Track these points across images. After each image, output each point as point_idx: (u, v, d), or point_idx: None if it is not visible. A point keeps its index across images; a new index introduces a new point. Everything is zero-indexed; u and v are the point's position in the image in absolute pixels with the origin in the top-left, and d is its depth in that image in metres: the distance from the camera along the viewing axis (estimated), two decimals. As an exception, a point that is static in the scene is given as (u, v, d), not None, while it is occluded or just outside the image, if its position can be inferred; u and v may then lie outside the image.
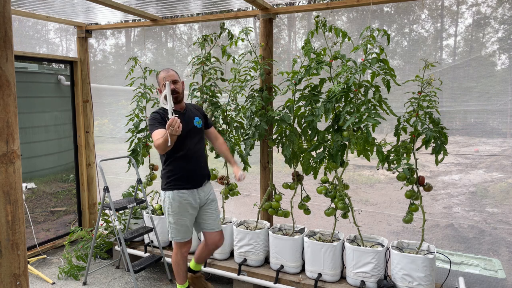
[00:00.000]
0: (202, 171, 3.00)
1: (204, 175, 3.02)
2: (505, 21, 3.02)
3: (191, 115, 2.97)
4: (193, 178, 2.93)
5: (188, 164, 2.90)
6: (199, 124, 2.99)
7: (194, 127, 2.94)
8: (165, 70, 2.90)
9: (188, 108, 3.01)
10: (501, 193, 3.35)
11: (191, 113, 2.98)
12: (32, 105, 6.27)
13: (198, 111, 3.09)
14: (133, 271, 3.34)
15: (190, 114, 2.97)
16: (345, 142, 2.95)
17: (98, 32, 4.72)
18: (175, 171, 2.89)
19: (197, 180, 2.95)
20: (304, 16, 3.88)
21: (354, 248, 3.00)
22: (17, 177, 1.58)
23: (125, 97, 4.72)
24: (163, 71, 2.88)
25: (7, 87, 1.51)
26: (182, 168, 2.89)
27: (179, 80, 2.90)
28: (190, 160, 2.90)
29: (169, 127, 2.39)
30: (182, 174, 2.88)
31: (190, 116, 2.95)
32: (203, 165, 3.02)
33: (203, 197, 2.99)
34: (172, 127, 2.39)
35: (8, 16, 1.52)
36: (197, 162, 2.96)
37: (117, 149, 4.89)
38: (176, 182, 2.89)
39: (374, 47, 2.79)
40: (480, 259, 3.17)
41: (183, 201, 2.89)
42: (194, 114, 2.99)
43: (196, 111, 3.06)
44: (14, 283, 1.58)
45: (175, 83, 2.83)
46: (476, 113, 3.19)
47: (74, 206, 5.45)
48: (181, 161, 2.88)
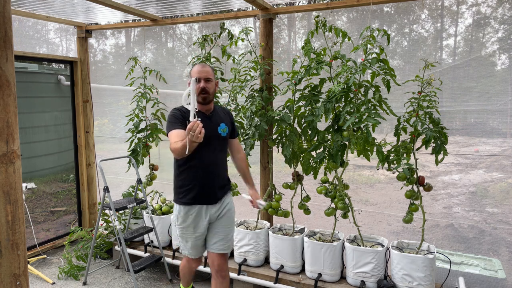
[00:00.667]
0: (219, 186, 2.61)
1: (221, 191, 2.64)
2: (505, 21, 3.02)
3: (217, 120, 2.60)
4: (206, 194, 2.56)
5: (203, 176, 2.53)
6: (225, 132, 2.60)
7: (218, 135, 2.57)
8: (201, 65, 2.55)
9: (216, 112, 2.63)
10: (501, 193, 3.35)
11: (217, 118, 2.61)
12: (32, 105, 6.27)
13: (227, 116, 2.71)
14: (133, 271, 3.34)
15: (217, 119, 2.60)
16: (345, 142, 2.95)
17: (98, 32, 4.72)
18: (187, 181, 2.55)
19: (211, 196, 2.58)
20: (304, 16, 3.88)
21: (354, 248, 3.00)
22: (17, 177, 1.58)
23: (125, 97, 4.72)
24: (198, 66, 2.53)
25: (7, 87, 1.51)
26: (196, 180, 2.53)
27: (212, 79, 2.53)
28: (206, 172, 2.54)
29: (189, 131, 2.03)
30: (194, 187, 2.53)
31: (216, 121, 2.59)
32: (221, 179, 2.63)
33: (213, 213, 2.61)
34: (192, 132, 2.02)
35: (8, 16, 1.52)
36: (215, 175, 2.58)
37: (117, 149, 4.89)
38: (186, 195, 2.55)
39: (374, 47, 2.79)
40: (480, 259, 3.17)
41: (190, 218, 2.57)
42: (220, 120, 2.62)
43: (225, 116, 2.68)
44: (14, 283, 1.58)
45: (207, 82, 2.48)
46: (476, 113, 3.19)
47: (74, 206, 5.45)
48: (196, 171, 2.52)
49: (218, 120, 2.60)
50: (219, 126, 2.59)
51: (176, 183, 2.61)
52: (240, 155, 2.83)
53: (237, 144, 2.82)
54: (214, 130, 2.55)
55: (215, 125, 2.57)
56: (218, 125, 2.59)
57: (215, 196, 2.59)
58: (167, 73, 4.26)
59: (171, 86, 4.32)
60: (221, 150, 2.63)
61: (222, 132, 2.59)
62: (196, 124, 2.02)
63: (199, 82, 2.46)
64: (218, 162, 2.61)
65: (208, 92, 2.49)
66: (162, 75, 3.88)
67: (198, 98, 2.43)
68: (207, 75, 2.49)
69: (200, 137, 2.03)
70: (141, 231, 3.62)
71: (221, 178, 2.64)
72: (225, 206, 2.67)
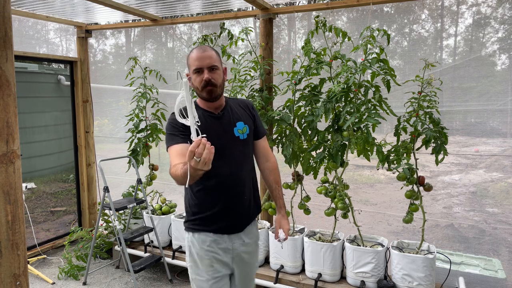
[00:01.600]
0: (245, 208, 1.96)
1: (249, 214, 1.99)
2: (505, 21, 3.02)
3: (233, 118, 1.94)
4: (228, 219, 1.91)
5: (226, 200, 1.89)
6: (244, 132, 1.94)
7: (236, 139, 1.91)
8: (201, 48, 1.84)
9: (229, 107, 1.96)
10: (501, 193, 3.35)
11: (232, 116, 1.94)
12: (32, 105, 6.27)
13: (245, 110, 2.02)
14: (133, 271, 3.34)
15: (231, 118, 1.93)
16: (345, 142, 2.95)
17: (98, 32, 4.72)
18: (203, 209, 1.90)
19: (235, 222, 1.94)
20: (304, 16, 3.88)
21: (354, 248, 3.00)
22: (17, 177, 1.58)
23: (125, 97, 4.72)
24: (197, 50, 1.84)
25: (7, 87, 1.51)
26: (216, 207, 1.88)
27: (218, 66, 1.85)
28: (230, 194, 1.89)
29: (191, 156, 1.34)
30: (213, 216, 1.89)
31: (230, 120, 1.92)
32: (248, 198, 1.96)
33: (238, 246, 1.94)
34: (197, 158, 1.34)
35: (8, 16, 1.52)
36: (239, 194, 1.92)
37: (117, 149, 4.89)
38: (201, 221, 1.91)
39: (374, 47, 2.79)
40: (480, 259, 3.17)
41: (206, 251, 1.90)
42: (237, 117, 1.95)
43: (243, 112, 2.01)
44: (14, 283, 1.57)
45: (212, 71, 1.82)
46: (476, 113, 3.19)
47: (74, 206, 5.45)
48: (215, 195, 1.88)
49: (234, 118, 1.94)
50: (235, 126, 1.92)
51: (188, 208, 1.97)
52: (269, 164, 2.10)
53: (264, 148, 2.09)
54: (229, 133, 1.90)
55: (229, 127, 1.91)
56: (234, 125, 1.92)
57: (244, 221, 1.97)
58: (167, 73, 4.25)
59: (171, 86, 4.32)
60: (244, 157, 1.95)
61: (241, 134, 1.93)
62: (201, 145, 1.33)
63: (201, 72, 1.81)
64: (243, 176, 1.93)
65: (215, 84, 1.83)
66: (162, 75, 3.88)
67: (203, 93, 1.84)
68: (211, 61, 1.81)
69: (208, 163, 1.35)
70: (141, 231, 3.61)
71: (250, 197, 1.98)
72: (251, 235, 2.02)
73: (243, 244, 1.96)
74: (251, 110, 2.06)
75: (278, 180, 2.13)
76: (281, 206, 2.12)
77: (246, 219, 1.98)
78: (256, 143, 2.07)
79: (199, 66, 1.81)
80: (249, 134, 1.98)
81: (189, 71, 1.86)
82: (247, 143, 1.97)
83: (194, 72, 1.83)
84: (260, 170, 2.13)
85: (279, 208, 2.12)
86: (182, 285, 3.65)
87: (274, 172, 2.12)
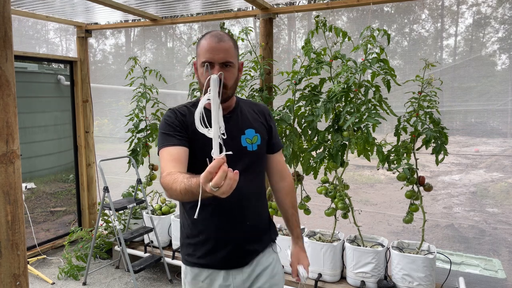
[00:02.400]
0: (247, 236, 1.59)
1: (256, 244, 1.62)
2: (505, 21, 3.02)
3: (241, 123, 1.59)
4: (228, 251, 1.55)
5: (223, 222, 1.54)
6: (254, 143, 1.58)
7: (241, 149, 1.55)
8: (216, 36, 1.44)
9: (238, 110, 1.61)
10: (501, 193, 3.35)
11: (240, 120, 1.59)
12: (32, 105, 6.27)
13: (259, 117, 1.66)
14: (133, 271, 3.33)
15: (239, 122, 1.59)
16: (345, 142, 2.95)
17: (98, 32, 4.72)
18: (196, 230, 1.57)
19: (232, 255, 1.56)
20: (304, 16, 3.88)
21: (354, 248, 3.00)
22: (17, 177, 1.57)
23: (125, 97, 4.72)
24: (211, 38, 1.44)
25: (6, 87, 1.51)
26: (210, 229, 1.55)
27: (234, 63, 1.46)
28: (222, 216, 1.54)
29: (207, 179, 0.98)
30: (208, 241, 1.55)
31: (237, 125, 1.58)
32: (254, 223, 1.61)
33: (240, 283, 1.57)
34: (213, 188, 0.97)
35: (8, 16, 1.52)
36: (243, 218, 1.56)
37: (117, 149, 4.88)
38: (195, 250, 1.58)
39: (374, 47, 2.79)
40: (480, 259, 3.16)
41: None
42: (246, 123, 1.60)
43: (254, 117, 1.64)
44: (14, 283, 1.57)
45: (225, 67, 1.44)
46: (476, 113, 3.19)
47: (74, 206, 5.45)
48: (210, 215, 1.53)
49: (243, 123, 1.59)
50: (243, 134, 1.57)
51: (182, 230, 1.64)
52: (284, 183, 1.74)
53: (279, 164, 1.73)
54: (235, 141, 1.55)
55: (236, 133, 1.56)
56: (242, 133, 1.57)
57: (244, 254, 1.58)
58: (167, 73, 4.25)
59: (171, 86, 4.31)
60: (251, 173, 1.57)
61: (250, 144, 1.57)
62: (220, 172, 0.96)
63: (210, 67, 1.44)
64: (247, 197, 1.56)
65: (226, 86, 1.47)
66: (162, 75, 3.88)
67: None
68: (225, 56, 1.43)
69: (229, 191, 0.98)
70: (141, 231, 3.61)
71: (255, 222, 1.61)
72: (262, 270, 1.62)
73: (252, 279, 1.58)
74: (266, 118, 1.68)
75: (295, 203, 1.76)
76: (298, 236, 1.74)
77: (249, 251, 1.57)
78: (269, 157, 1.70)
79: (210, 60, 1.43)
80: (260, 145, 1.60)
81: (197, 61, 1.50)
82: (257, 156, 1.59)
83: (203, 65, 1.45)
84: (273, 190, 1.77)
85: (296, 239, 1.73)
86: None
87: (291, 194, 1.74)
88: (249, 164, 1.56)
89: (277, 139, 1.75)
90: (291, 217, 1.75)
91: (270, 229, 1.72)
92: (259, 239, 1.64)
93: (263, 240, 1.66)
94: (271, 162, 1.72)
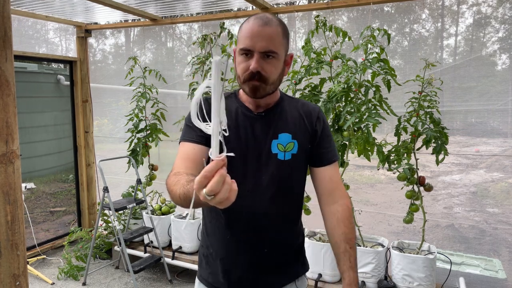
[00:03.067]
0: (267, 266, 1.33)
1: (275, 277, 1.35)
2: (505, 20, 3.02)
3: (275, 125, 1.33)
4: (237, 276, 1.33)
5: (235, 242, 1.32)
6: (288, 151, 1.31)
7: (270, 157, 1.30)
8: (260, 19, 1.21)
9: (279, 109, 1.36)
10: (501, 193, 3.35)
11: (276, 121, 1.33)
12: (31, 105, 6.27)
13: (303, 119, 1.36)
14: (132, 272, 3.33)
15: (272, 123, 1.33)
16: (346, 142, 2.95)
17: (98, 31, 4.71)
18: (207, 241, 1.40)
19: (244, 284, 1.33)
20: (304, 16, 3.87)
21: (355, 248, 2.99)
22: (17, 177, 1.57)
23: (124, 97, 4.71)
24: (255, 21, 1.21)
25: (6, 87, 1.51)
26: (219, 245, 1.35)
27: (278, 54, 1.23)
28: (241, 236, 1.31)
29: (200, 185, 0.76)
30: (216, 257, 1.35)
31: (269, 126, 1.32)
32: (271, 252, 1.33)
33: None
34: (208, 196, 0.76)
35: (8, 16, 1.52)
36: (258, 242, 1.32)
37: (117, 149, 4.88)
38: (202, 263, 1.41)
39: (375, 46, 2.78)
40: (480, 260, 3.16)
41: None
42: (282, 125, 1.33)
43: (296, 119, 1.36)
44: (13, 283, 1.57)
45: (266, 58, 1.21)
46: (476, 113, 3.19)
47: (73, 206, 5.44)
48: (223, 229, 1.33)
49: (277, 125, 1.32)
50: (275, 138, 1.30)
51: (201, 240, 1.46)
52: (336, 207, 1.35)
53: (330, 181, 1.37)
54: (263, 146, 1.30)
55: (265, 136, 1.30)
56: (274, 136, 1.31)
57: (255, 285, 1.33)
58: (167, 73, 4.25)
59: (171, 86, 4.31)
60: (278, 189, 1.31)
61: (282, 152, 1.30)
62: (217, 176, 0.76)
63: (249, 56, 1.22)
64: (268, 218, 1.31)
65: (265, 80, 1.23)
66: (162, 75, 3.88)
67: (244, 86, 1.25)
68: (268, 45, 1.20)
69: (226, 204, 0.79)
70: (141, 231, 3.61)
71: (275, 249, 1.33)
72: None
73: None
74: (313, 121, 1.36)
75: (350, 236, 1.30)
76: (351, 283, 1.25)
77: (264, 283, 1.31)
78: (315, 171, 1.37)
79: (249, 47, 1.20)
80: (296, 155, 1.31)
81: (237, 47, 1.27)
82: (290, 167, 1.31)
83: (241, 53, 1.22)
84: (323, 214, 1.38)
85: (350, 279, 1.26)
86: (182, 285, 3.64)
87: (345, 223, 1.31)
88: (277, 176, 1.29)
89: (328, 148, 1.38)
90: (343, 254, 1.28)
91: (298, 260, 1.40)
92: (280, 271, 1.34)
93: (286, 272, 1.35)
94: (317, 178, 1.37)
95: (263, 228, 1.30)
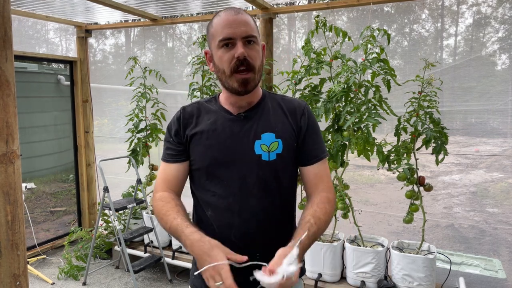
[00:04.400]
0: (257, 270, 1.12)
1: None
2: (505, 21, 3.02)
3: (258, 125, 1.28)
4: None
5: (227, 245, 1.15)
6: (273, 151, 1.25)
7: (253, 159, 1.25)
8: (231, 9, 1.24)
9: (261, 107, 1.32)
10: (501, 193, 3.35)
11: (258, 121, 1.29)
12: (32, 105, 6.27)
13: (287, 116, 1.31)
14: (133, 272, 3.33)
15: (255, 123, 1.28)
16: (345, 142, 2.95)
17: (98, 32, 4.72)
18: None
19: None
20: (304, 16, 3.88)
21: (354, 248, 2.99)
22: (17, 177, 1.57)
23: (124, 97, 4.72)
24: (226, 12, 1.23)
25: (6, 87, 1.51)
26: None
27: (257, 39, 1.23)
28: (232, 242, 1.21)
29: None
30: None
31: (252, 126, 1.28)
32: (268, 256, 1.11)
33: None
34: None
35: (8, 16, 1.52)
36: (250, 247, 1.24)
37: (117, 149, 4.88)
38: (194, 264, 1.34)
39: (375, 47, 2.79)
40: (480, 259, 3.16)
41: None
42: (265, 125, 1.28)
43: (280, 117, 1.31)
44: (14, 283, 1.57)
45: (248, 44, 1.20)
46: (476, 113, 3.19)
47: (73, 206, 5.45)
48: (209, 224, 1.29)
49: (260, 125, 1.28)
50: (258, 139, 1.26)
51: None
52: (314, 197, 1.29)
53: (315, 177, 1.32)
54: (246, 148, 1.26)
55: (247, 138, 1.26)
56: (257, 137, 1.26)
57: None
58: (167, 73, 4.25)
59: (171, 86, 4.31)
60: (267, 191, 1.26)
61: (266, 153, 1.25)
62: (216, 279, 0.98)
63: (231, 46, 1.19)
64: (261, 219, 1.26)
65: (253, 67, 1.20)
66: (162, 75, 3.88)
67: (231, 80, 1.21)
68: (247, 29, 1.19)
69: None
70: (141, 231, 3.61)
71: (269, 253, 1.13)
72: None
73: None
74: (298, 118, 1.30)
75: (319, 215, 1.21)
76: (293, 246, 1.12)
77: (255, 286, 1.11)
78: (303, 171, 1.32)
79: (230, 35, 1.17)
80: (281, 154, 1.25)
81: (211, 46, 1.24)
82: (277, 168, 1.25)
83: (221, 45, 1.19)
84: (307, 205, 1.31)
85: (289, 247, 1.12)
86: (182, 285, 3.64)
87: (319, 205, 1.24)
88: (264, 179, 1.23)
89: (314, 145, 1.31)
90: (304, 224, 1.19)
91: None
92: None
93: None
94: (304, 175, 1.32)
95: (254, 232, 1.26)
